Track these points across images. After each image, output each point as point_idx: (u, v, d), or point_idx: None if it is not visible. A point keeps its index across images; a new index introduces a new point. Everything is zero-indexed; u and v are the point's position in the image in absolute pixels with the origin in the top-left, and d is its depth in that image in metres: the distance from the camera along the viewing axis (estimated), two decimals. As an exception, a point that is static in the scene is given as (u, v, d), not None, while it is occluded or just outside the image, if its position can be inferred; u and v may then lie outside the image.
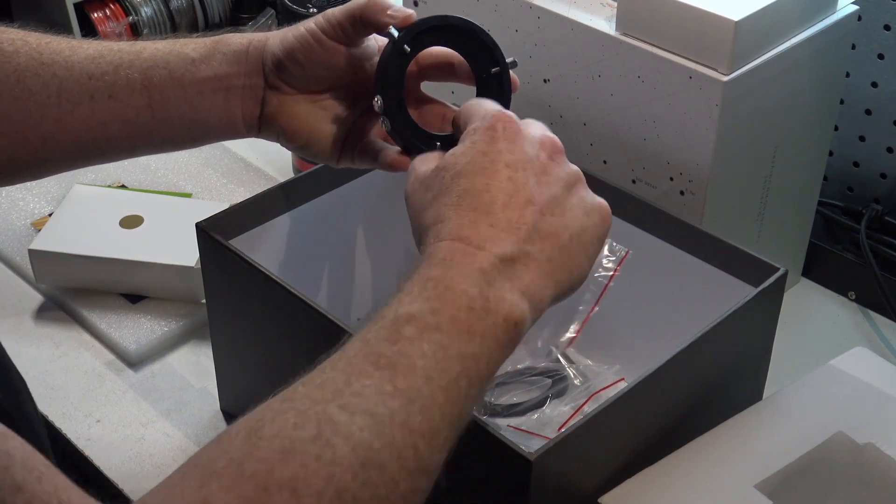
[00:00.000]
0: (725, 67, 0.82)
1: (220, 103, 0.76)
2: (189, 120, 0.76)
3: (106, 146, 0.76)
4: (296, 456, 0.49)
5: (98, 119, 0.74)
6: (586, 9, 0.91)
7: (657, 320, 0.87)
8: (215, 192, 1.16)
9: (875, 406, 0.75)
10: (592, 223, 0.63)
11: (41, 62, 0.74)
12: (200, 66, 0.75)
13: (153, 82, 0.75)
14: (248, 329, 0.84)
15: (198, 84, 0.75)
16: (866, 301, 1.03)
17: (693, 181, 0.88)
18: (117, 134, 0.75)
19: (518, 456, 0.63)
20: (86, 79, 0.74)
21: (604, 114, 0.92)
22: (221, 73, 0.75)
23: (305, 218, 0.90)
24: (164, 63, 0.75)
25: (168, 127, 0.76)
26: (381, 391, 0.53)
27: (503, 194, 0.60)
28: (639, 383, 0.68)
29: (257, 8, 1.51)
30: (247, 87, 0.76)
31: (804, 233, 1.04)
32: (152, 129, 0.76)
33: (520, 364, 0.93)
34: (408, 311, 0.56)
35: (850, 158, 1.08)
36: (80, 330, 1.00)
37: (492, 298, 0.57)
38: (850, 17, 0.92)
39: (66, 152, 0.76)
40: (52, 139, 0.74)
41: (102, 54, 0.75)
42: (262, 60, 0.75)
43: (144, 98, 0.75)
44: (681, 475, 0.70)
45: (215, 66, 0.75)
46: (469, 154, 0.62)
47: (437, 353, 0.55)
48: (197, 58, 0.75)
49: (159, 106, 0.75)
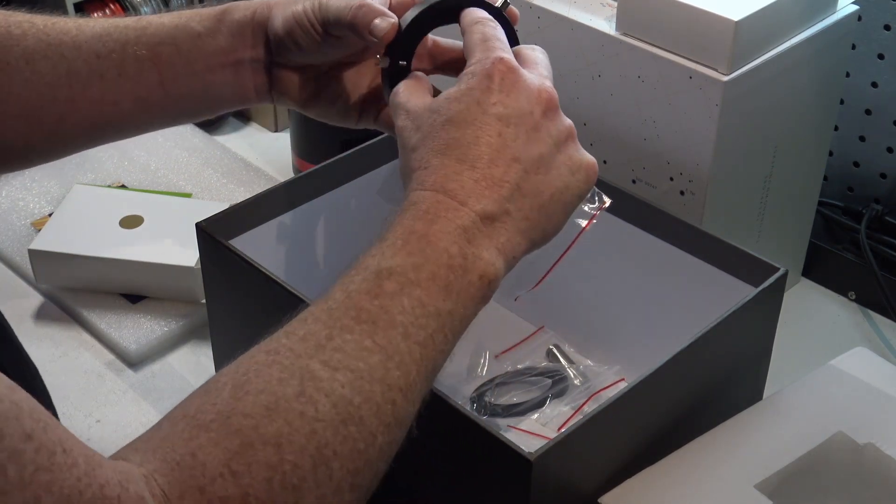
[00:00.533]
0: (725, 67, 0.82)
1: (230, 77, 0.76)
2: (201, 95, 0.76)
3: (120, 124, 0.76)
4: (280, 412, 0.51)
5: (110, 98, 0.74)
6: (586, 9, 0.91)
7: (657, 320, 0.87)
8: (215, 192, 1.16)
9: (875, 406, 0.75)
10: (576, 181, 0.63)
11: (49, 43, 0.74)
12: (207, 40, 0.75)
13: (162, 59, 0.74)
14: (248, 329, 0.84)
15: (206, 59, 0.75)
16: (866, 301, 1.03)
17: (693, 181, 0.88)
18: (130, 111, 0.75)
19: (518, 456, 0.63)
20: (94, 58, 0.74)
21: (604, 114, 0.92)
22: (228, 47, 0.75)
23: (305, 218, 0.90)
24: (170, 39, 0.75)
25: (181, 102, 0.76)
26: (362, 346, 0.54)
27: (490, 149, 0.60)
28: (639, 383, 0.68)
29: (257, 8, 1.51)
30: (254, 59, 0.75)
31: (804, 233, 1.04)
32: (165, 105, 0.76)
33: (520, 364, 0.93)
34: (389, 264, 0.57)
35: (850, 158, 1.08)
36: (80, 330, 1.00)
37: (469, 256, 0.58)
38: (850, 17, 0.92)
39: (82, 132, 0.76)
40: (66, 120, 0.74)
41: (109, 32, 0.75)
42: (266, 34, 0.75)
43: (155, 75, 0.75)
44: (681, 475, 0.70)
45: (221, 40, 0.75)
46: (463, 101, 0.62)
47: (416, 310, 0.56)
48: (203, 31, 0.75)
49: (171, 83, 0.75)
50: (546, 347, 0.94)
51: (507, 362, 0.93)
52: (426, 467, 0.72)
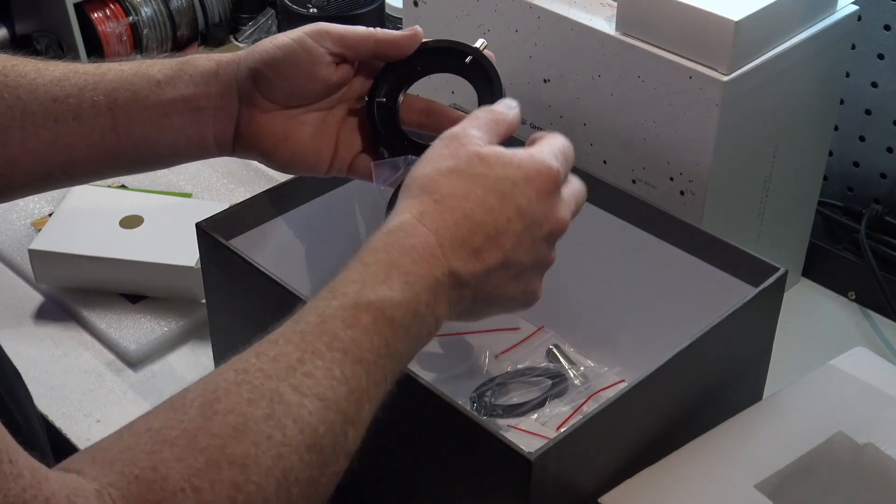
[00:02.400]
0: (725, 67, 0.82)
1: (188, 124, 0.75)
2: (154, 141, 0.76)
3: (72, 169, 0.76)
4: (248, 434, 0.51)
5: (63, 142, 0.74)
6: (586, 9, 0.91)
7: (657, 320, 0.87)
8: (215, 192, 1.16)
9: (875, 406, 0.75)
10: (519, 303, 0.67)
11: (6, 84, 0.73)
12: (166, 87, 0.75)
13: (118, 104, 0.74)
14: (248, 329, 0.84)
15: (163, 105, 0.75)
16: (866, 301, 1.03)
17: (693, 181, 0.88)
18: (83, 157, 0.75)
19: (518, 456, 0.63)
20: (50, 101, 0.74)
21: (604, 114, 0.92)
22: (188, 95, 0.75)
23: (305, 218, 0.90)
24: (128, 84, 0.75)
25: (134, 149, 0.76)
26: (331, 376, 0.55)
27: (495, 228, 0.62)
28: (639, 383, 0.68)
29: (257, 8, 1.51)
30: (218, 107, 0.75)
31: (804, 233, 1.04)
32: (118, 151, 0.75)
33: (520, 364, 0.93)
34: (369, 298, 0.58)
35: (850, 158, 1.08)
36: (80, 330, 1.00)
37: (433, 309, 0.61)
38: (850, 17, 0.92)
39: (32, 176, 0.75)
40: (16, 163, 0.74)
41: (67, 76, 0.75)
42: (236, 78, 0.75)
43: (109, 120, 0.74)
44: (681, 475, 0.70)
45: (181, 87, 0.75)
46: (507, 170, 0.63)
47: (381, 349, 0.57)
48: (162, 79, 0.75)
49: (124, 128, 0.75)
50: (546, 347, 0.94)
51: (507, 362, 0.93)
52: (426, 467, 0.72)
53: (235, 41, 1.49)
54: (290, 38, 0.74)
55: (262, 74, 0.74)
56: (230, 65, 0.75)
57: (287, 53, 0.73)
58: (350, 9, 1.16)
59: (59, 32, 1.34)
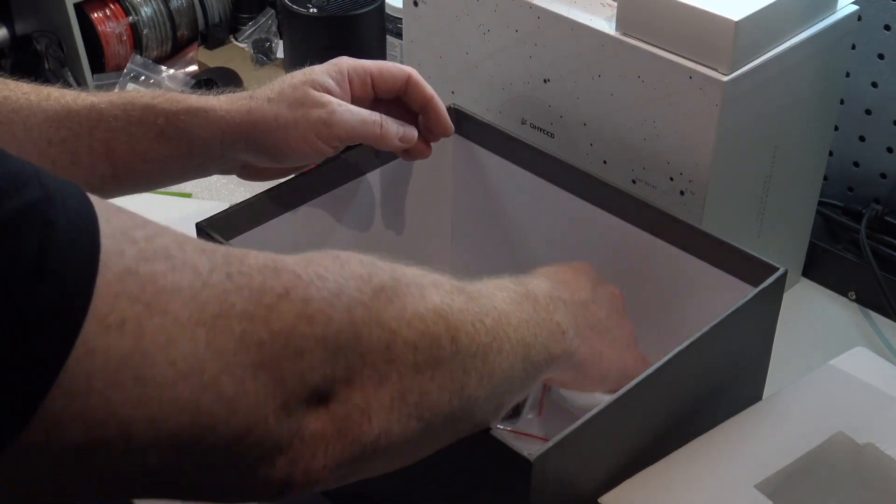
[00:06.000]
0: (726, 67, 0.82)
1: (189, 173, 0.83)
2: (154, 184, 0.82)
3: None
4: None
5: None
6: (586, 9, 0.91)
7: (657, 320, 0.87)
8: (215, 192, 1.16)
9: (875, 406, 0.75)
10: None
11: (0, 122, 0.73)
12: (165, 144, 0.78)
13: (116, 154, 0.77)
14: (247, 329, 0.84)
15: (163, 161, 0.79)
16: (866, 301, 1.03)
17: (693, 181, 0.88)
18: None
19: (518, 457, 0.63)
20: (45, 144, 0.74)
21: (604, 114, 0.92)
22: (187, 153, 0.79)
23: (305, 218, 0.90)
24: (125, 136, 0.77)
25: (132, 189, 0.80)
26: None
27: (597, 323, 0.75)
28: (639, 383, 0.68)
29: (257, 8, 1.51)
30: (217, 165, 0.83)
31: (804, 233, 1.04)
32: (115, 191, 0.78)
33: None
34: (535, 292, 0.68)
35: (850, 158, 1.08)
36: (80, 330, 1.00)
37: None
38: (850, 17, 0.92)
39: None
40: None
41: (61, 119, 0.75)
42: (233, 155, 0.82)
43: (109, 169, 0.76)
44: (681, 475, 0.70)
45: (183, 147, 0.79)
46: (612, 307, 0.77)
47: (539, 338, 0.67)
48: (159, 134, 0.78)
49: (124, 175, 0.78)
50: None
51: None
52: (426, 468, 0.72)
53: (235, 41, 1.49)
54: (298, 137, 0.79)
55: (262, 159, 0.82)
56: (235, 143, 0.80)
57: (293, 150, 0.80)
58: (350, 9, 1.16)
59: (59, 32, 1.34)
